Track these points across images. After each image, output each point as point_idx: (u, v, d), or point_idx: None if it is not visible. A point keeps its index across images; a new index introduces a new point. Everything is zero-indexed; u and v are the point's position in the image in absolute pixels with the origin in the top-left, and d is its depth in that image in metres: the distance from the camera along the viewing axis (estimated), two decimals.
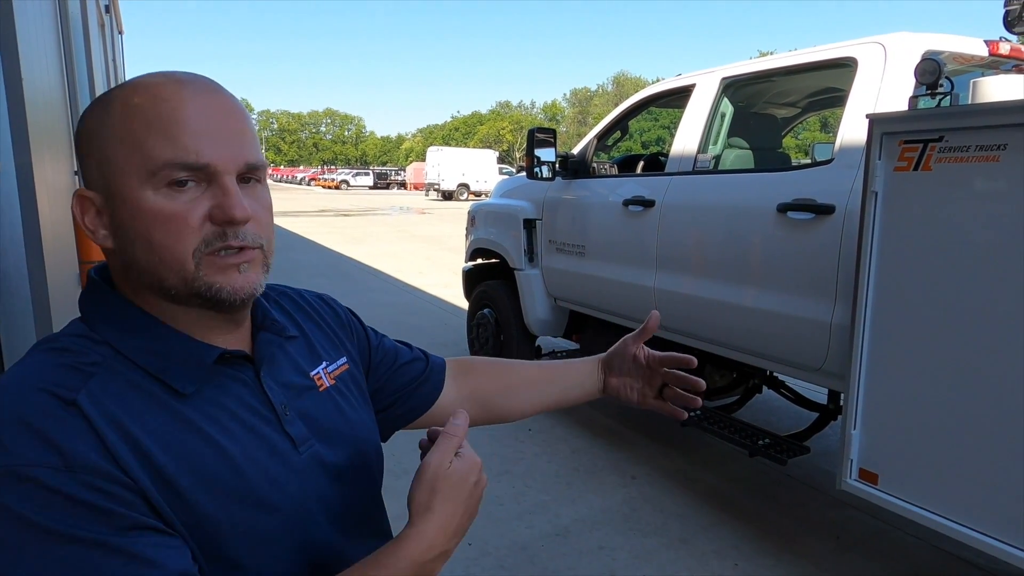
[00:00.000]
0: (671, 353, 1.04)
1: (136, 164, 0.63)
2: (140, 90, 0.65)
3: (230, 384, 0.70)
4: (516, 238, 4.38)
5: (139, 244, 0.64)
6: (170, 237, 0.64)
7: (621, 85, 67.79)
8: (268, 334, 0.77)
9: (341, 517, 0.77)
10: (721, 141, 3.42)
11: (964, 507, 1.96)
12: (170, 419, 0.64)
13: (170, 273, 0.65)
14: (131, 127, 0.63)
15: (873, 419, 2.20)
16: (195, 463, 0.64)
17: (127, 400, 0.63)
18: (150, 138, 0.63)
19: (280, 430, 0.72)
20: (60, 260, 3.87)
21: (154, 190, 0.63)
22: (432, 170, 36.14)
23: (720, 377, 3.67)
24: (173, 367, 0.66)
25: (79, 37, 6.83)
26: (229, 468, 0.66)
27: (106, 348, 0.65)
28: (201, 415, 0.67)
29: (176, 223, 0.64)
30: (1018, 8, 2.34)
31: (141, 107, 0.64)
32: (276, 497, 0.69)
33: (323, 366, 0.83)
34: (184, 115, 0.63)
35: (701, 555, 2.73)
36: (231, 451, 0.67)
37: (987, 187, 1.87)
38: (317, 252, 12.05)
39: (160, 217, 0.63)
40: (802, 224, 2.61)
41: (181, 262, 0.64)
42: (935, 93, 2.07)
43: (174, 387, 0.66)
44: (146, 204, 0.63)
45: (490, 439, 3.85)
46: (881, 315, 2.14)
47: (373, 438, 0.87)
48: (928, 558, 2.73)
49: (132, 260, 0.66)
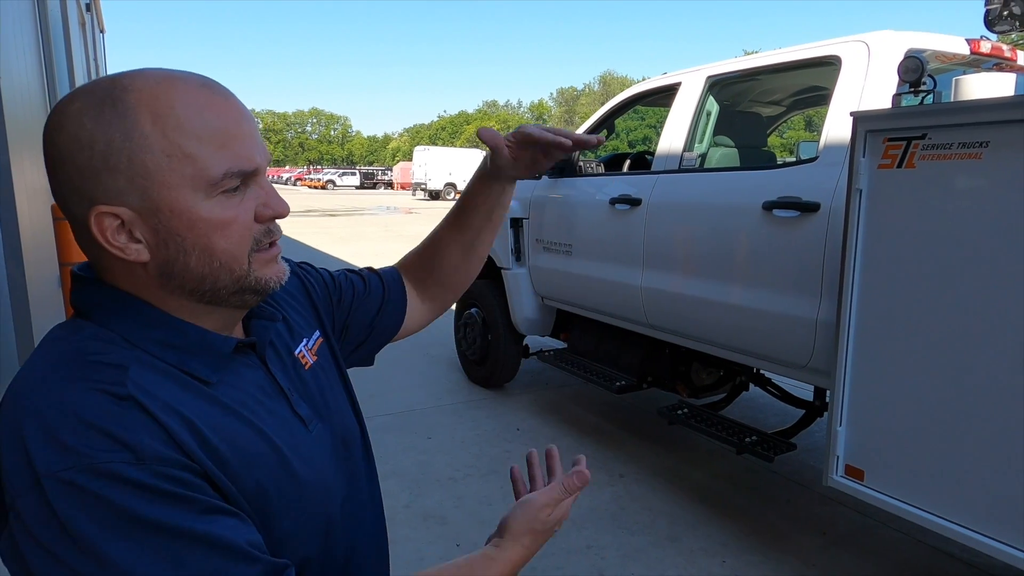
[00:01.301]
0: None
1: (190, 176, 0.62)
2: (166, 98, 0.62)
3: (243, 371, 0.72)
4: (503, 237, 4.37)
5: (196, 253, 0.64)
6: (230, 241, 0.66)
7: (607, 84, 67.99)
8: (261, 321, 0.78)
9: (348, 491, 0.81)
10: (707, 139, 3.43)
11: (949, 503, 1.98)
12: (208, 403, 0.66)
13: (227, 275, 0.67)
14: (176, 139, 0.61)
15: (859, 416, 2.21)
16: (240, 443, 0.66)
17: (167, 387, 0.63)
18: (203, 150, 0.62)
19: (291, 411, 0.75)
20: (40, 261, 3.81)
21: (209, 198, 0.64)
22: (419, 170, 36.05)
23: (707, 375, 3.69)
24: (193, 359, 0.67)
25: (59, 36, 6.74)
26: (268, 446, 0.68)
27: (124, 343, 0.65)
28: (229, 400, 0.68)
29: (236, 228, 0.66)
30: (998, 7, 2.37)
31: (180, 117, 0.62)
32: (307, 472, 0.72)
33: (304, 344, 0.85)
34: (226, 123, 0.64)
35: (689, 553, 2.73)
36: (265, 431, 0.69)
37: (970, 184, 1.88)
38: (303, 252, 11.99)
39: (220, 224, 0.65)
40: (787, 222, 2.62)
41: (240, 263, 0.67)
42: (918, 91, 2.09)
43: (199, 376, 0.67)
44: (203, 214, 0.64)
45: (477, 438, 3.84)
46: (866, 312, 2.16)
47: (349, 410, 0.90)
48: (913, 553, 2.75)
49: (182, 269, 0.65)
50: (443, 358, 5.42)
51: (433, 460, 3.55)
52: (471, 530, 2.85)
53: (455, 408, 4.35)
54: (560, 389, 4.78)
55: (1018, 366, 1.78)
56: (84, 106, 0.61)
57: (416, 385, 4.76)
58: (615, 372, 3.82)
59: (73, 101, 0.62)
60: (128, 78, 0.63)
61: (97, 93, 0.62)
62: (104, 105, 0.61)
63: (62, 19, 7.11)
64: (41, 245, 3.81)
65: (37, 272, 3.62)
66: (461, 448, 3.72)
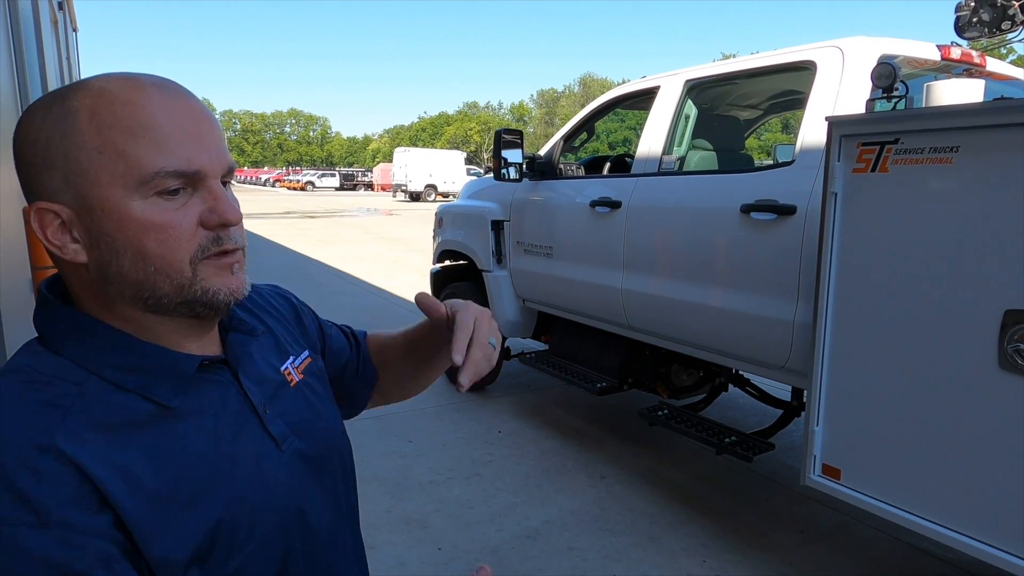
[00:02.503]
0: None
1: (120, 174, 0.60)
2: (108, 96, 0.61)
3: (210, 390, 0.69)
4: (484, 240, 4.37)
5: (128, 255, 0.62)
6: (164, 246, 0.62)
7: (587, 86, 68.22)
8: (238, 335, 0.76)
9: (325, 512, 0.78)
10: (685, 143, 3.46)
11: (924, 501, 2.01)
12: (158, 436, 0.63)
13: (165, 281, 0.63)
14: (110, 136, 0.60)
15: (835, 416, 2.24)
16: (190, 476, 0.63)
17: (110, 426, 0.60)
18: (136, 147, 0.60)
19: (263, 430, 0.72)
20: (11, 266, 3.73)
21: (143, 199, 0.61)
22: (399, 171, 35.88)
23: (687, 376, 3.72)
24: (154, 381, 0.65)
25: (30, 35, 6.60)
26: (225, 475, 0.66)
27: (79, 371, 0.62)
28: (189, 426, 0.66)
29: (170, 231, 0.62)
30: (968, 14, 2.42)
31: (117, 114, 0.61)
32: (264, 497, 0.69)
33: (290, 361, 0.83)
34: (167, 121, 0.62)
35: (670, 553, 2.75)
36: (223, 459, 0.67)
37: (941, 188, 1.92)
38: (282, 255, 11.87)
39: (153, 226, 0.62)
40: (765, 224, 2.65)
41: (178, 270, 0.63)
42: (891, 96, 2.13)
43: (159, 401, 0.64)
44: (135, 214, 0.61)
45: (459, 441, 3.83)
46: (842, 314, 2.19)
47: (340, 427, 0.88)
48: (889, 550, 2.80)
49: (116, 272, 0.63)
50: None
51: (414, 464, 3.54)
52: (453, 534, 2.84)
53: (436, 411, 4.33)
54: (541, 391, 4.79)
55: (989, 366, 1.82)
56: (40, 105, 0.62)
57: None
58: (596, 374, 3.83)
59: (37, 101, 0.63)
60: (90, 79, 0.63)
61: (55, 93, 0.63)
62: (54, 104, 0.62)
63: (34, 18, 6.98)
64: (12, 248, 3.74)
65: (9, 277, 3.54)
66: (442, 451, 3.71)
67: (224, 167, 0.66)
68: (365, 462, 3.53)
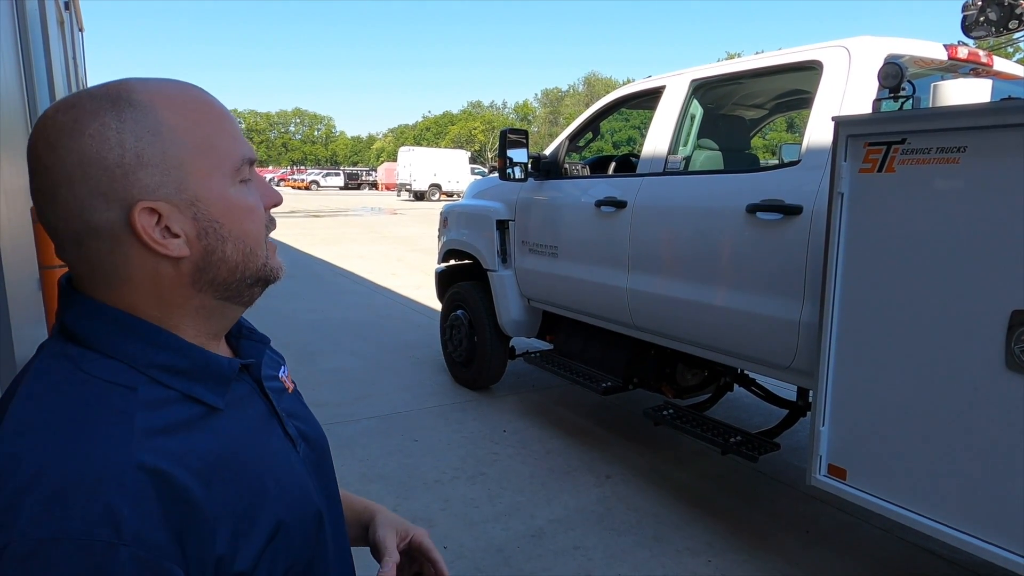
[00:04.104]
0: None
1: (216, 164, 0.65)
2: (178, 97, 0.64)
3: (243, 392, 0.71)
4: (489, 239, 4.38)
5: (232, 240, 0.66)
6: (257, 226, 0.68)
7: (592, 86, 68.17)
8: (251, 341, 0.78)
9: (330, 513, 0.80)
10: (691, 142, 3.45)
11: (930, 501, 2.01)
12: (214, 437, 0.63)
13: (254, 261, 0.68)
14: (200, 131, 0.64)
15: (841, 416, 2.24)
16: (251, 477, 0.65)
17: (173, 429, 0.60)
18: (222, 139, 0.65)
19: (284, 433, 0.75)
20: (19, 265, 3.75)
21: (234, 185, 0.66)
22: (404, 170, 35.91)
23: (692, 376, 3.71)
24: (198, 384, 0.65)
25: (37, 34, 6.64)
26: (276, 476, 0.68)
27: (131, 373, 0.61)
28: (235, 427, 0.67)
29: (257, 212, 0.69)
30: (975, 13, 2.41)
31: (196, 112, 0.65)
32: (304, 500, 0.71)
33: (283, 370, 0.85)
34: (226, 118, 0.68)
35: (675, 553, 2.75)
36: (270, 459, 0.69)
37: (948, 188, 1.92)
38: (287, 254, 11.88)
39: (248, 209, 0.67)
40: (771, 224, 2.65)
41: (263, 248, 0.69)
42: (897, 96, 2.12)
43: (206, 403, 0.64)
44: (236, 200, 0.66)
45: (464, 440, 3.84)
46: (848, 314, 2.19)
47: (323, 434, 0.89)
48: (895, 550, 2.79)
49: (220, 259, 0.65)
50: (428, 360, 5.41)
51: (419, 463, 3.54)
52: (458, 533, 2.85)
53: (441, 410, 4.34)
54: (546, 391, 4.79)
55: (996, 366, 1.82)
56: (97, 108, 0.60)
57: (401, 387, 4.74)
58: (601, 373, 3.84)
59: (75, 107, 0.60)
60: (122, 83, 0.62)
61: (103, 97, 0.60)
62: (121, 108, 0.60)
63: (40, 18, 7.02)
64: (19, 246, 3.76)
65: (16, 275, 3.56)
66: (447, 450, 3.71)
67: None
68: (370, 461, 3.54)
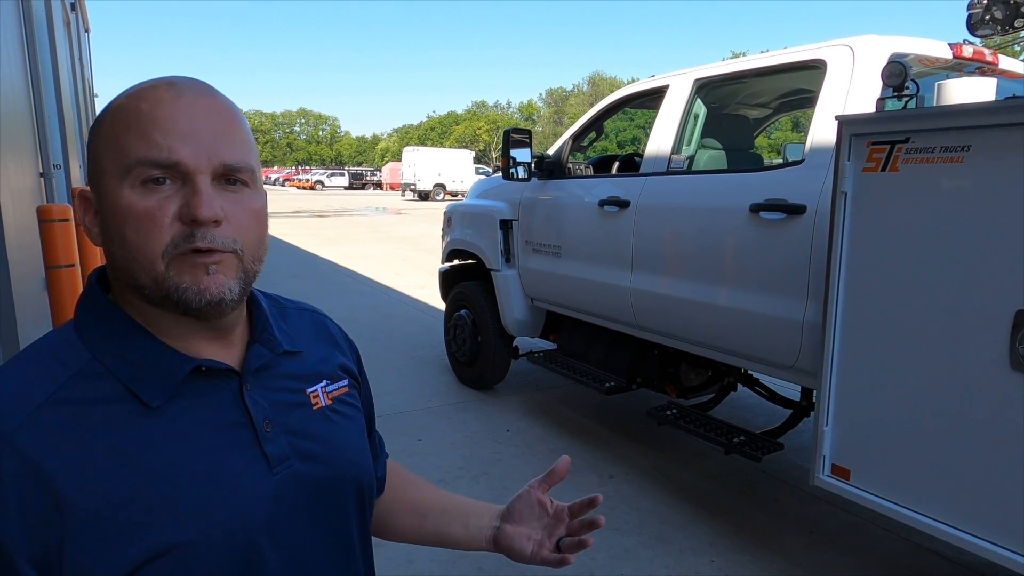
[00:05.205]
0: (580, 500, 0.94)
1: (115, 162, 0.64)
2: (131, 93, 0.67)
3: (209, 396, 0.68)
4: (493, 239, 4.38)
5: (116, 241, 0.65)
6: (140, 235, 0.63)
7: (596, 85, 68.12)
8: (260, 347, 0.75)
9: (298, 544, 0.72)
10: (695, 142, 3.45)
11: (934, 501, 2.00)
12: (131, 436, 0.63)
13: (142, 272, 0.64)
14: (114, 127, 0.65)
15: (845, 416, 2.23)
16: (152, 484, 0.62)
17: (84, 414, 0.62)
18: (128, 137, 0.64)
19: (256, 447, 0.70)
20: (25, 263, 3.77)
21: (130, 188, 0.63)
22: (408, 170, 35.94)
23: (695, 375, 3.71)
24: (145, 377, 0.65)
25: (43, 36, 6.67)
26: (185, 490, 0.64)
27: (85, 354, 0.65)
28: (168, 430, 0.65)
29: (146, 221, 0.63)
30: (980, 11, 2.40)
31: (124, 108, 0.65)
32: (237, 523, 0.66)
33: (323, 385, 0.81)
34: (161, 115, 0.64)
35: (678, 553, 2.75)
36: (191, 472, 0.65)
37: (952, 187, 1.91)
38: (292, 253, 11.92)
39: (132, 214, 0.63)
40: (774, 224, 2.64)
41: (152, 261, 0.63)
42: (901, 95, 2.11)
43: (142, 399, 0.64)
44: (122, 201, 0.64)
45: (468, 440, 3.84)
46: (852, 314, 2.18)
47: (362, 463, 0.83)
48: (899, 551, 2.79)
49: (112, 258, 0.67)
50: (432, 360, 5.41)
51: (423, 463, 3.55)
52: None
53: (444, 410, 4.34)
54: (550, 390, 4.79)
55: (1000, 365, 1.81)
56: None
57: (405, 387, 4.75)
58: (604, 373, 3.84)
59: None
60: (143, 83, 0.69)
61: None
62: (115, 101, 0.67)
63: (47, 19, 7.04)
64: (26, 246, 3.77)
65: (22, 274, 3.58)
66: (451, 450, 3.72)
67: (217, 164, 0.65)
68: None
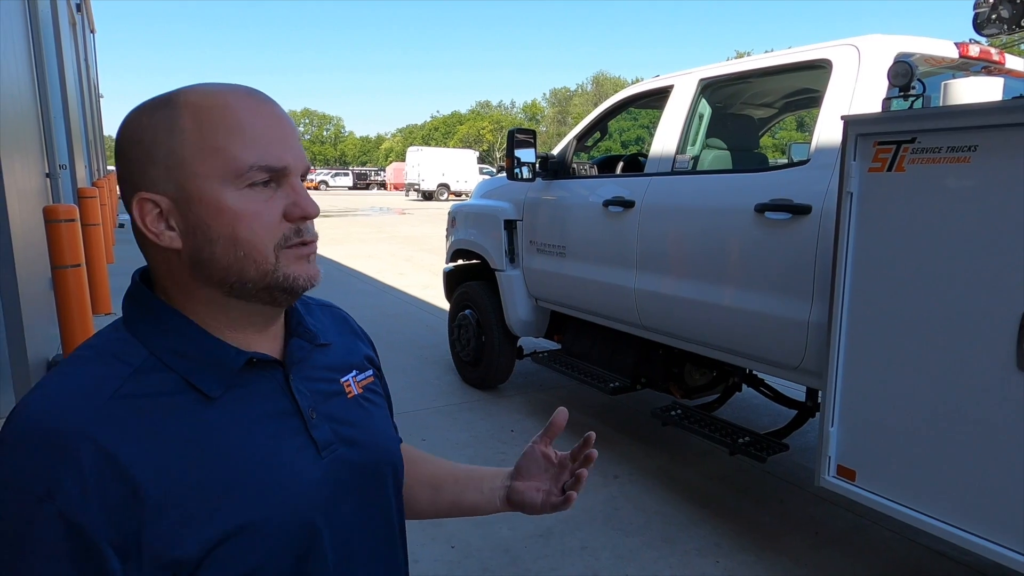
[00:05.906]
0: (578, 444, 1.02)
1: (217, 168, 0.67)
2: (208, 100, 0.68)
3: (259, 386, 0.73)
4: (497, 239, 4.38)
5: (221, 242, 0.68)
6: (254, 233, 0.68)
7: (600, 85, 68.03)
8: (300, 340, 0.80)
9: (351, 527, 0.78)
10: (699, 142, 3.44)
11: (939, 502, 1.99)
12: (196, 424, 0.67)
13: (252, 267, 0.69)
14: (208, 134, 0.67)
15: (850, 416, 2.23)
16: (220, 470, 0.66)
17: (151, 407, 0.65)
18: (231, 143, 0.67)
19: (305, 434, 0.74)
20: (31, 263, 3.79)
21: (236, 190, 0.68)
22: (412, 170, 35.99)
23: (700, 376, 3.70)
24: (201, 370, 0.69)
25: (49, 36, 6.70)
26: (249, 474, 0.68)
27: (142, 351, 0.68)
28: (227, 418, 0.69)
29: (260, 220, 0.69)
30: (987, 10, 2.39)
31: (215, 115, 0.67)
32: (291, 506, 0.70)
33: (352, 375, 0.86)
34: (259, 123, 0.69)
35: (683, 553, 2.75)
36: (252, 457, 0.69)
37: (958, 187, 1.90)
38: None
39: (244, 215, 0.68)
40: (780, 224, 2.64)
41: (264, 256, 0.69)
42: (907, 95, 2.11)
43: (202, 389, 0.68)
44: (229, 204, 0.67)
45: (472, 440, 3.85)
46: (857, 314, 2.18)
47: (395, 448, 0.89)
48: (905, 552, 2.78)
49: (208, 258, 0.69)
50: (436, 360, 5.42)
51: None
52: (466, 531, 2.85)
53: (449, 410, 4.35)
54: (554, 390, 4.79)
55: (1007, 366, 1.80)
56: (145, 108, 0.69)
57: (409, 387, 4.76)
58: (609, 373, 3.83)
59: (140, 106, 0.70)
60: (189, 87, 0.70)
61: (159, 98, 0.70)
62: (158, 107, 0.69)
63: (52, 20, 7.07)
64: (32, 246, 3.79)
65: (28, 275, 3.60)
66: (455, 450, 3.72)
67: (304, 167, 0.73)
68: None
